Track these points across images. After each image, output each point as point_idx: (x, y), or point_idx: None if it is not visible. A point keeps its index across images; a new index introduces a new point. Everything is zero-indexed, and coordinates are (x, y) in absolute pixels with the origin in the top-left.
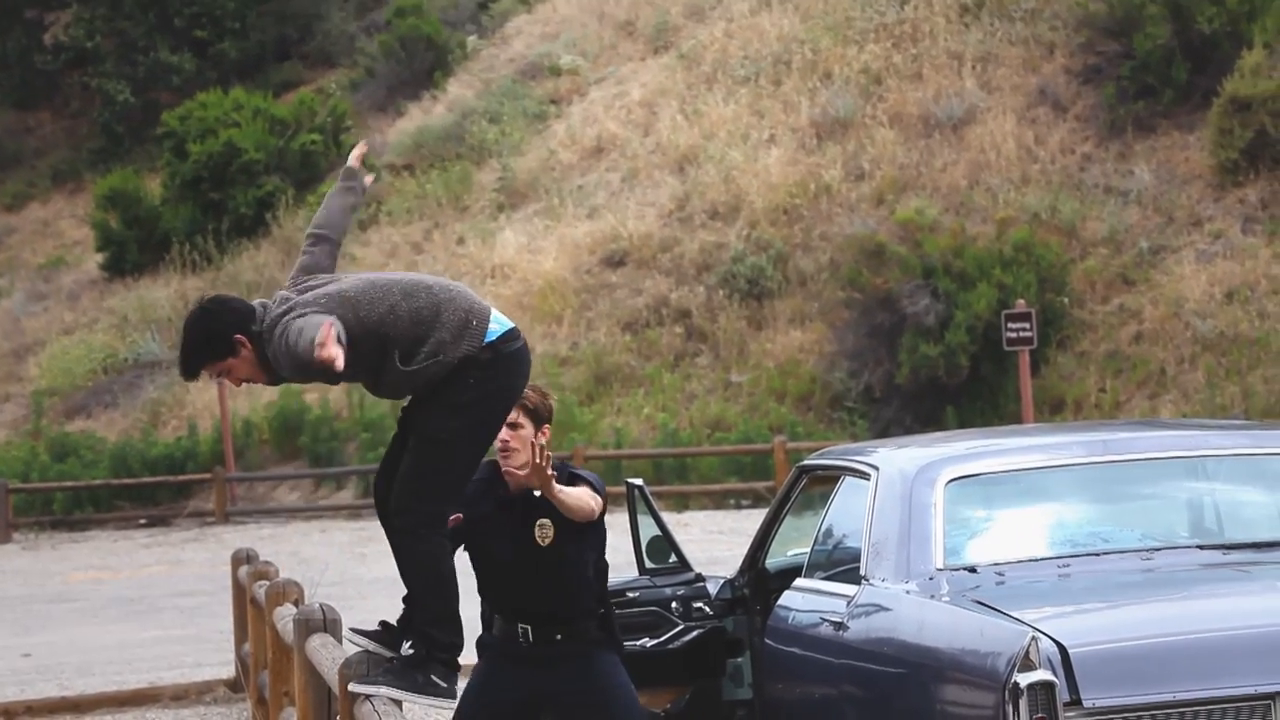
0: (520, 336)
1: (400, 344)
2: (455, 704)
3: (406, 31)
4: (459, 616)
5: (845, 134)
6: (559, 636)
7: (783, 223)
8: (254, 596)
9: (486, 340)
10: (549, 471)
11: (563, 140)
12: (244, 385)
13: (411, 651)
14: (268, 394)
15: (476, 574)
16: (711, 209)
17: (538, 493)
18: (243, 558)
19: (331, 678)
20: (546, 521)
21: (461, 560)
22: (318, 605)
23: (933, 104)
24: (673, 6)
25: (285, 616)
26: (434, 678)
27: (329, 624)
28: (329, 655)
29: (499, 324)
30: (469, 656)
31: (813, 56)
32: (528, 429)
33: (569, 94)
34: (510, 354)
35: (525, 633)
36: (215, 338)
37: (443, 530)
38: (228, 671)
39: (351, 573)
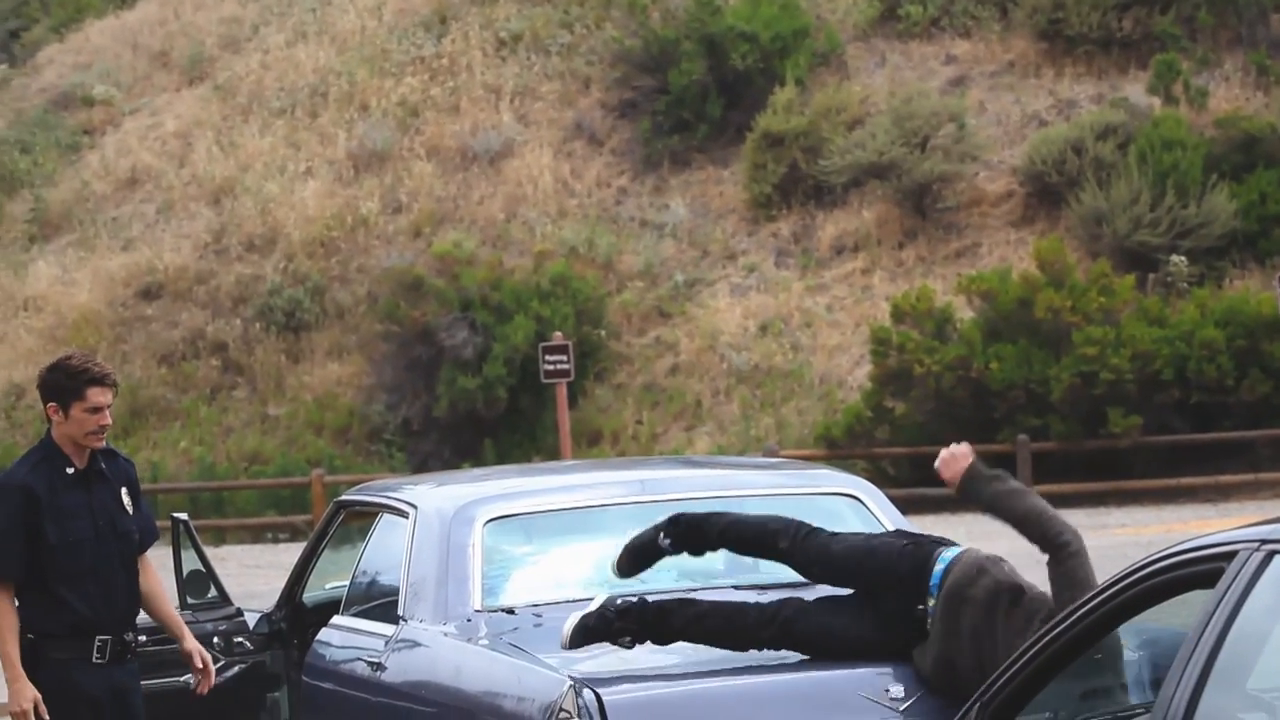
0: None
1: None
2: None
3: None
4: None
5: (383, 166)
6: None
7: (320, 255)
8: None
9: None
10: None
11: (97, 171)
12: None
13: None
14: None
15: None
16: (248, 241)
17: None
18: None
19: None
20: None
21: None
22: None
23: (470, 137)
24: (207, 38)
25: None
26: None
27: None
28: None
29: None
30: None
31: (349, 88)
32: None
33: (103, 124)
34: None
35: (103, 647)
36: None
37: None
38: None
39: None
